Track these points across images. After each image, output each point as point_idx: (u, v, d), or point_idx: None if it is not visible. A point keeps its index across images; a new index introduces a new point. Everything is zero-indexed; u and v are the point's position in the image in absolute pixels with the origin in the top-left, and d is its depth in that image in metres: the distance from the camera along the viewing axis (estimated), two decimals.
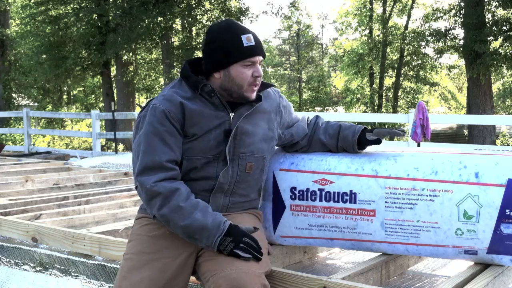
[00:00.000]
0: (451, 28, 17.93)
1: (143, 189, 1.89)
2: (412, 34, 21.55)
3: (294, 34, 33.28)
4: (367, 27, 24.43)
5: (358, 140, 2.21)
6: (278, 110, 2.17)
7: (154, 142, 1.90)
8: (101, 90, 21.90)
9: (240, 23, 2.01)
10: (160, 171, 1.88)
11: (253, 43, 1.93)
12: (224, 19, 2.30)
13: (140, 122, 1.98)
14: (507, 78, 21.05)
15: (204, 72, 2.02)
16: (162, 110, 1.92)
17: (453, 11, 17.80)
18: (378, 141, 2.20)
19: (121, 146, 17.19)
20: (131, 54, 19.08)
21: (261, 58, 1.97)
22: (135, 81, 19.85)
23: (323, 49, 36.45)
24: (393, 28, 23.68)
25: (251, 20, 19.12)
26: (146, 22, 16.98)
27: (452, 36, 17.94)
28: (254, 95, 1.99)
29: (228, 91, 1.97)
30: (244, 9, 18.80)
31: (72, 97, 28.33)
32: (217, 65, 1.95)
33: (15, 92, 23.89)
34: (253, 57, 1.94)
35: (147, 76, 21.11)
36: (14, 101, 23.51)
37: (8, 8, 22.78)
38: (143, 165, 1.89)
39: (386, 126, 21.73)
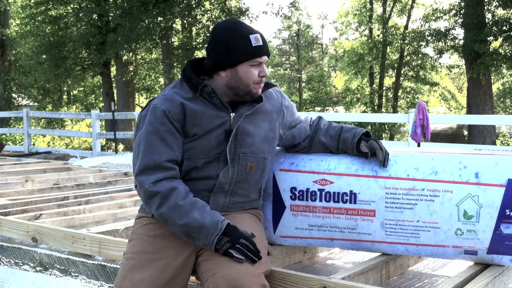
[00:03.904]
0: (451, 28, 17.94)
1: (142, 188, 1.90)
2: (412, 34, 21.55)
3: (294, 34, 33.26)
4: (367, 27, 24.42)
5: (357, 143, 2.21)
6: (280, 110, 2.17)
7: (154, 141, 1.91)
8: (101, 90, 21.90)
9: (245, 23, 2.02)
10: (159, 171, 1.89)
11: (261, 43, 1.95)
12: (227, 18, 2.30)
13: (140, 122, 1.99)
14: (507, 78, 21.05)
15: (207, 71, 2.03)
16: (163, 110, 1.93)
17: (453, 11, 17.81)
18: (366, 155, 2.17)
19: (121, 146, 17.18)
20: (131, 54, 19.08)
21: (267, 58, 2.00)
22: (135, 81, 19.85)
23: (323, 49, 36.44)
24: (393, 28, 23.67)
25: (251, 20, 19.07)
26: (146, 22, 16.98)
27: (452, 36, 17.94)
28: (260, 91, 2.02)
29: (234, 90, 1.98)
30: (244, 9, 18.80)
31: (72, 97, 28.33)
32: (224, 64, 1.96)
33: (15, 92, 23.88)
34: (260, 57, 1.96)
35: (147, 76, 21.11)
36: (14, 101, 23.50)
37: (8, 8, 22.77)
38: (143, 164, 1.90)
39: (386, 126, 21.77)
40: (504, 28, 15.80)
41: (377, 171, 2.16)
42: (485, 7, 16.18)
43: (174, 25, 18.64)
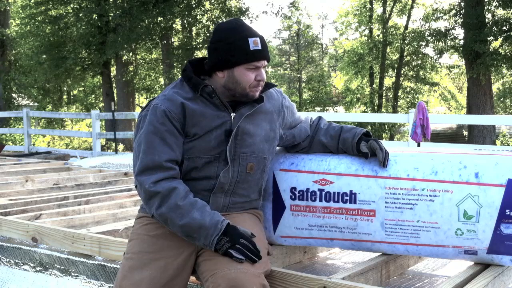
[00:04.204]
0: (451, 28, 17.94)
1: (142, 188, 1.90)
2: (412, 34, 21.55)
3: (294, 34, 33.24)
4: (367, 27, 24.42)
5: (357, 143, 2.21)
6: (281, 110, 2.17)
7: (154, 141, 1.91)
8: (101, 90, 21.90)
9: (249, 25, 2.01)
10: (159, 171, 1.89)
11: (259, 47, 1.94)
12: (231, 18, 2.28)
13: (140, 122, 1.99)
14: (507, 78, 21.04)
15: (207, 70, 2.03)
16: (163, 110, 1.93)
17: (453, 11, 17.81)
18: (366, 155, 2.16)
19: (121, 146, 17.18)
20: (131, 54, 19.09)
21: (265, 62, 1.98)
22: (135, 81, 19.85)
23: (323, 49, 36.42)
24: (393, 28, 23.67)
25: (251, 20, 19.06)
26: (146, 22, 16.99)
27: (452, 36, 17.95)
28: (257, 94, 2.01)
29: (232, 91, 1.99)
30: (244, 9, 18.80)
31: (72, 97, 28.32)
32: (222, 65, 1.96)
33: (15, 92, 23.86)
34: (257, 61, 1.95)
35: (147, 76, 21.12)
36: (14, 101, 23.48)
37: (8, 8, 22.77)
38: (143, 164, 1.90)
39: (386, 126, 21.76)
40: (504, 28, 15.80)
41: (377, 171, 2.16)
42: (485, 7, 16.18)
43: (174, 25, 18.64)
